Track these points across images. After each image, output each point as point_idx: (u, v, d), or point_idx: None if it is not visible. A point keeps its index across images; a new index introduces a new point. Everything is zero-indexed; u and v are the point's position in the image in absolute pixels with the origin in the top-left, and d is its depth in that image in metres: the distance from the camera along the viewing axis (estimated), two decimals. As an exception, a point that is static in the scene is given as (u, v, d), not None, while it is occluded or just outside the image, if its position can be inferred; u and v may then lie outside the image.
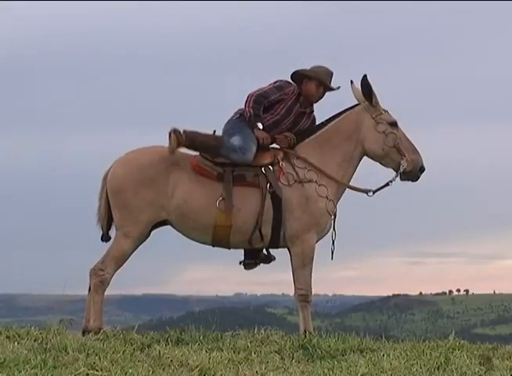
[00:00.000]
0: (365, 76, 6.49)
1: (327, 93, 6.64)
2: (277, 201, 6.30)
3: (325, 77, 6.57)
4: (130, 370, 4.60)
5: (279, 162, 6.44)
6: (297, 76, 6.60)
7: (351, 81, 6.70)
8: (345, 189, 6.67)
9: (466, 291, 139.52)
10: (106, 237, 6.42)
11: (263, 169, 6.39)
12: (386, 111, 6.64)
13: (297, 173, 6.41)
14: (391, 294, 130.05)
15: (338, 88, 6.65)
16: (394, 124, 6.60)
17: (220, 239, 6.36)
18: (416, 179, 6.68)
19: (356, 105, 6.70)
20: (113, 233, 6.42)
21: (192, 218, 6.27)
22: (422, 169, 6.62)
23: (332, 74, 6.62)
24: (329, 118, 6.70)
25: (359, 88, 6.61)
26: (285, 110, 6.54)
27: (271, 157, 6.47)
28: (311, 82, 6.56)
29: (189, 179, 6.28)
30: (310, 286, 6.41)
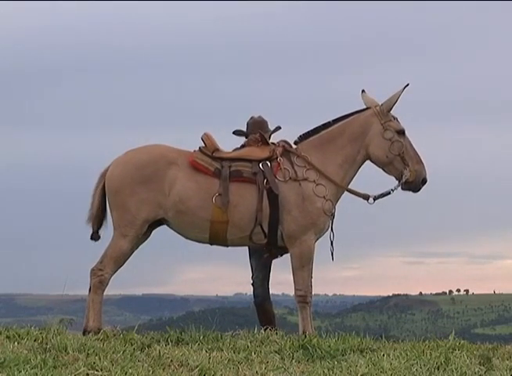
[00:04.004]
0: (407, 85, 6.50)
1: None
2: (273, 198, 6.29)
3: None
4: (130, 370, 4.60)
5: (277, 157, 6.44)
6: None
7: (363, 90, 6.74)
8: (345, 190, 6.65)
9: (466, 290, 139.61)
10: (95, 236, 6.43)
11: (260, 165, 6.39)
12: (395, 118, 6.60)
13: (295, 171, 6.40)
14: (391, 294, 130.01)
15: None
16: (401, 133, 6.55)
17: (217, 235, 6.35)
18: (417, 191, 6.61)
19: (366, 108, 6.65)
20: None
21: (189, 215, 6.26)
22: (424, 181, 6.55)
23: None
24: (337, 119, 6.65)
25: (369, 96, 6.66)
26: None
27: (269, 151, 6.49)
28: None
29: (186, 177, 6.28)
30: (308, 287, 6.39)
